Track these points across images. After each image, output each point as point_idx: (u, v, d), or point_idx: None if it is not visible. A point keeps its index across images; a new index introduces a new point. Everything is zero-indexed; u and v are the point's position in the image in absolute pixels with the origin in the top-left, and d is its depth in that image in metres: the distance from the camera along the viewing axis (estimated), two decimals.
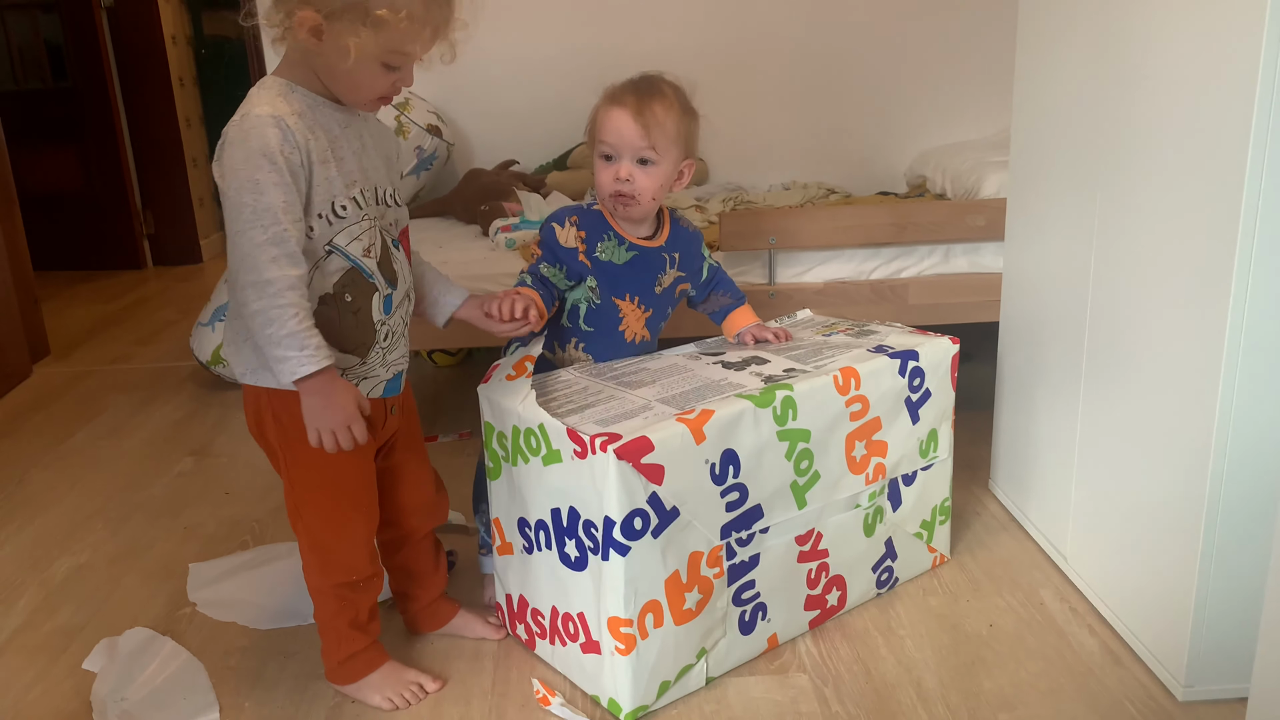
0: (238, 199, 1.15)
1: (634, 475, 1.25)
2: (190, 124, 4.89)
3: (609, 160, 1.47)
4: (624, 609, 1.28)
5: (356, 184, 1.25)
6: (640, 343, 1.57)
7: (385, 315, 1.30)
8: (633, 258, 1.53)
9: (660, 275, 1.57)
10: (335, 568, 1.36)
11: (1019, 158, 1.81)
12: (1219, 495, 1.24)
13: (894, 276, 2.19)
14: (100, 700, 1.42)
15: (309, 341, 1.17)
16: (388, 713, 1.38)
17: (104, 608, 1.69)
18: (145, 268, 4.76)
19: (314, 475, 1.31)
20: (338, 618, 1.38)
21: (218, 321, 2.77)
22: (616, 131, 1.45)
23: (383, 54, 1.18)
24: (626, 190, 1.47)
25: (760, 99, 3.14)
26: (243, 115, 1.18)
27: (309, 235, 1.21)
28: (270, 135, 1.16)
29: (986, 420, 2.04)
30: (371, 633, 1.42)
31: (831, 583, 1.53)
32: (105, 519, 2.04)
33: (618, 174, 1.47)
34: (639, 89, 1.46)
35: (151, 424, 2.59)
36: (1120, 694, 1.36)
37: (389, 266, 1.30)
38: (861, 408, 1.48)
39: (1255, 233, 1.15)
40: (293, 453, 1.29)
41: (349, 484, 1.33)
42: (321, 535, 1.34)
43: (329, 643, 1.40)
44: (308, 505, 1.33)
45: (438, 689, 1.43)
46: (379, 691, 1.40)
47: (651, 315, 1.57)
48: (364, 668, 1.41)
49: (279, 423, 1.28)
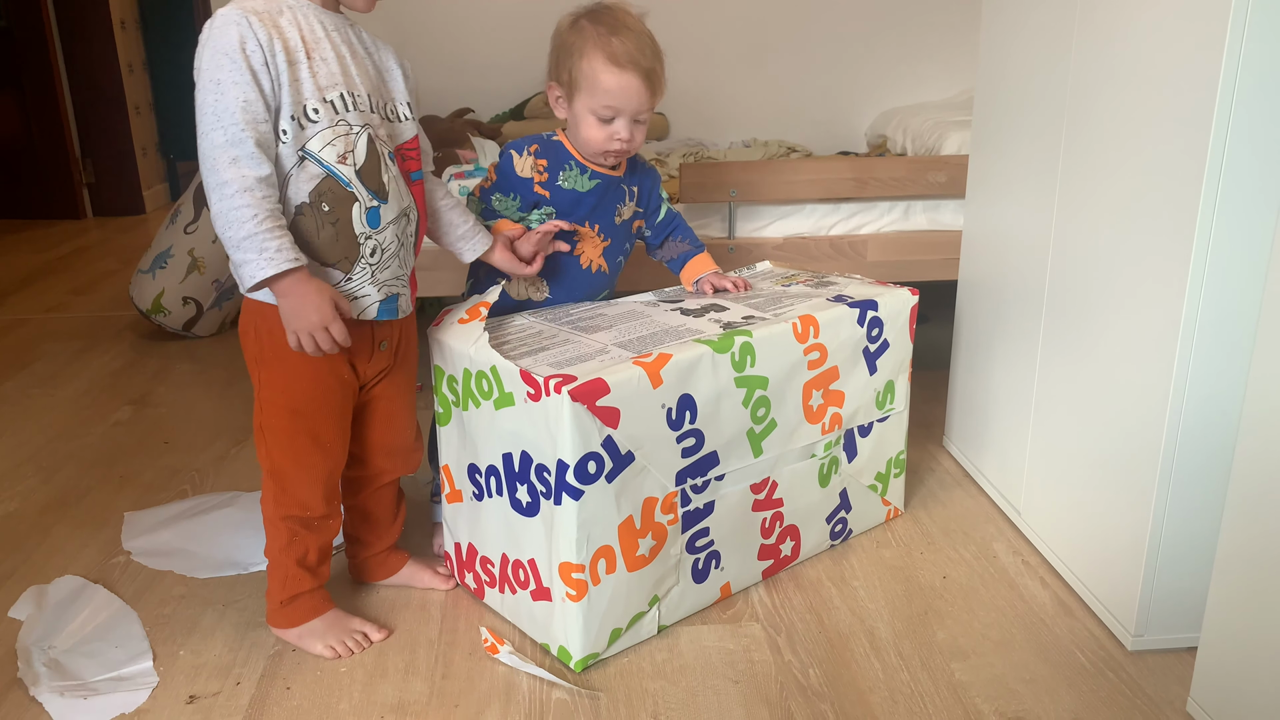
0: (201, 100, 1.13)
1: (589, 418, 1.21)
2: (133, 69, 4.71)
3: (607, 121, 1.44)
4: (576, 554, 1.25)
5: (337, 87, 1.20)
6: (597, 272, 1.55)
7: (370, 229, 1.23)
8: (595, 185, 1.51)
9: (620, 206, 1.55)
10: (289, 499, 1.31)
11: (982, 115, 1.79)
12: (1174, 450, 1.24)
13: (854, 233, 2.17)
14: (25, 649, 1.36)
15: (269, 244, 1.12)
16: (329, 661, 1.34)
17: (33, 556, 1.62)
18: (85, 218, 4.60)
19: (281, 399, 1.27)
20: (285, 553, 1.34)
21: (159, 269, 2.68)
22: (624, 95, 1.42)
23: None
24: (623, 148, 1.47)
25: (722, 56, 3.10)
26: (213, 15, 1.14)
27: (282, 139, 1.16)
28: (230, 33, 1.12)
29: (942, 379, 2.04)
30: (320, 576, 1.38)
31: (785, 533, 1.51)
32: (36, 467, 1.96)
33: (616, 134, 1.45)
34: (637, 49, 1.41)
35: (88, 373, 2.50)
36: (1071, 644, 1.36)
37: (375, 178, 1.23)
38: (820, 356, 1.46)
39: (1218, 193, 1.14)
40: (266, 370, 1.26)
41: (315, 416, 1.29)
42: (280, 462, 1.30)
43: (274, 581, 1.36)
44: (271, 430, 1.29)
45: (383, 638, 1.39)
46: (321, 639, 1.36)
47: (610, 245, 1.55)
48: (307, 613, 1.36)
49: (258, 336, 1.24)
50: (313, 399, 1.28)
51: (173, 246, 2.67)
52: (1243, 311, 1.18)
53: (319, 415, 1.29)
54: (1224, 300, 1.18)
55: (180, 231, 2.67)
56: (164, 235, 2.72)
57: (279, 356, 1.24)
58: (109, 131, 4.60)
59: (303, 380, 1.26)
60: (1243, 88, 1.10)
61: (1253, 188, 1.14)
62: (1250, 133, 1.12)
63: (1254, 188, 1.14)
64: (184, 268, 2.66)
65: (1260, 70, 1.10)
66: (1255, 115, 1.11)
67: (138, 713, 1.25)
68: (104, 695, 1.27)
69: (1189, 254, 1.17)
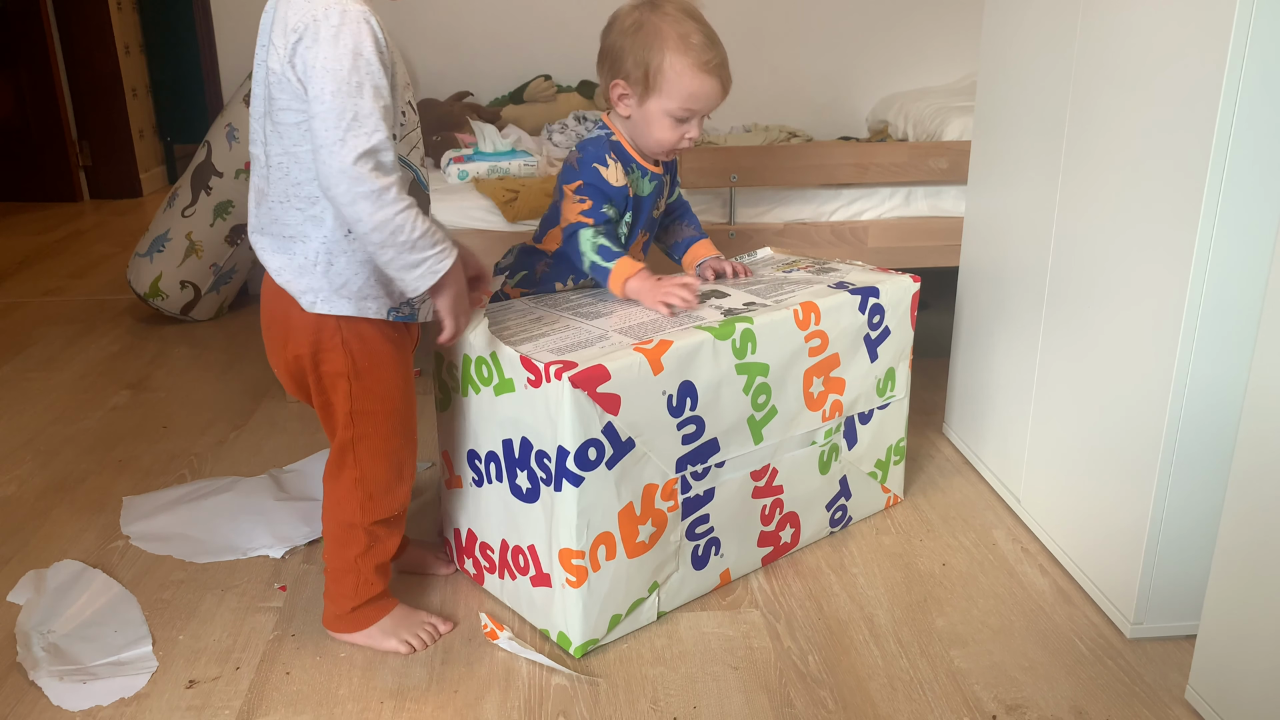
0: (336, 104, 1.04)
1: (589, 404, 1.21)
2: (129, 51, 4.68)
3: (682, 122, 1.44)
4: (576, 541, 1.25)
5: (409, 86, 1.18)
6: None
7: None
8: (654, 187, 1.52)
9: (659, 201, 1.57)
10: (378, 505, 1.28)
11: (985, 101, 1.78)
12: (1174, 438, 1.24)
13: (854, 218, 2.17)
14: (25, 633, 1.36)
15: (438, 234, 1.13)
16: (328, 646, 1.34)
17: (31, 541, 1.62)
18: (81, 201, 4.58)
19: (381, 406, 1.25)
20: (364, 559, 1.30)
21: (156, 253, 2.66)
22: (707, 100, 1.43)
23: None
24: (689, 147, 1.48)
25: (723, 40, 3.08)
26: (328, 8, 1.05)
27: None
28: (364, 32, 1.06)
29: (941, 367, 2.04)
30: (388, 576, 1.36)
31: (785, 519, 1.51)
32: (34, 451, 1.95)
33: (688, 134, 1.45)
34: (720, 53, 1.43)
35: (85, 357, 2.49)
36: (1070, 631, 1.36)
37: (425, 174, 1.26)
38: (821, 343, 1.46)
39: (1222, 181, 1.13)
40: (363, 383, 1.22)
41: (407, 411, 1.28)
42: (373, 469, 1.27)
43: (344, 587, 1.32)
44: (366, 439, 1.25)
45: (449, 630, 1.37)
46: (394, 635, 1.33)
47: (646, 240, 1.58)
48: (377, 613, 1.34)
49: (348, 351, 1.20)
50: (405, 395, 1.27)
51: (170, 230, 2.66)
52: (1244, 299, 1.18)
53: (410, 410, 1.29)
54: (1226, 288, 1.18)
55: (178, 215, 2.66)
56: (161, 219, 2.70)
57: (375, 363, 1.22)
58: (106, 114, 4.57)
59: (397, 379, 1.25)
60: (1249, 75, 1.09)
61: (1256, 175, 1.13)
62: (1255, 120, 1.11)
63: (1258, 175, 1.13)
64: (182, 251, 2.65)
65: (1266, 57, 1.09)
66: (1260, 103, 1.10)
67: (137, 697, 1.25)
68: (103, 680, 1.27)
69: (1192, 241, 1.16)
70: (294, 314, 1.19)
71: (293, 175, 1.14)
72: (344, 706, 1.23)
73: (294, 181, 1.14)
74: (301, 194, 1.15)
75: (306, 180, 1.14)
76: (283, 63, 1.08)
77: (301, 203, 1.15)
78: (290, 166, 1.14)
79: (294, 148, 1.13)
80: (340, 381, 1.22)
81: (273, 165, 1.15)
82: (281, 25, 1.08)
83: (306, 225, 1.16)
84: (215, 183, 2.61)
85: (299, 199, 1.15)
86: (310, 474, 1.81)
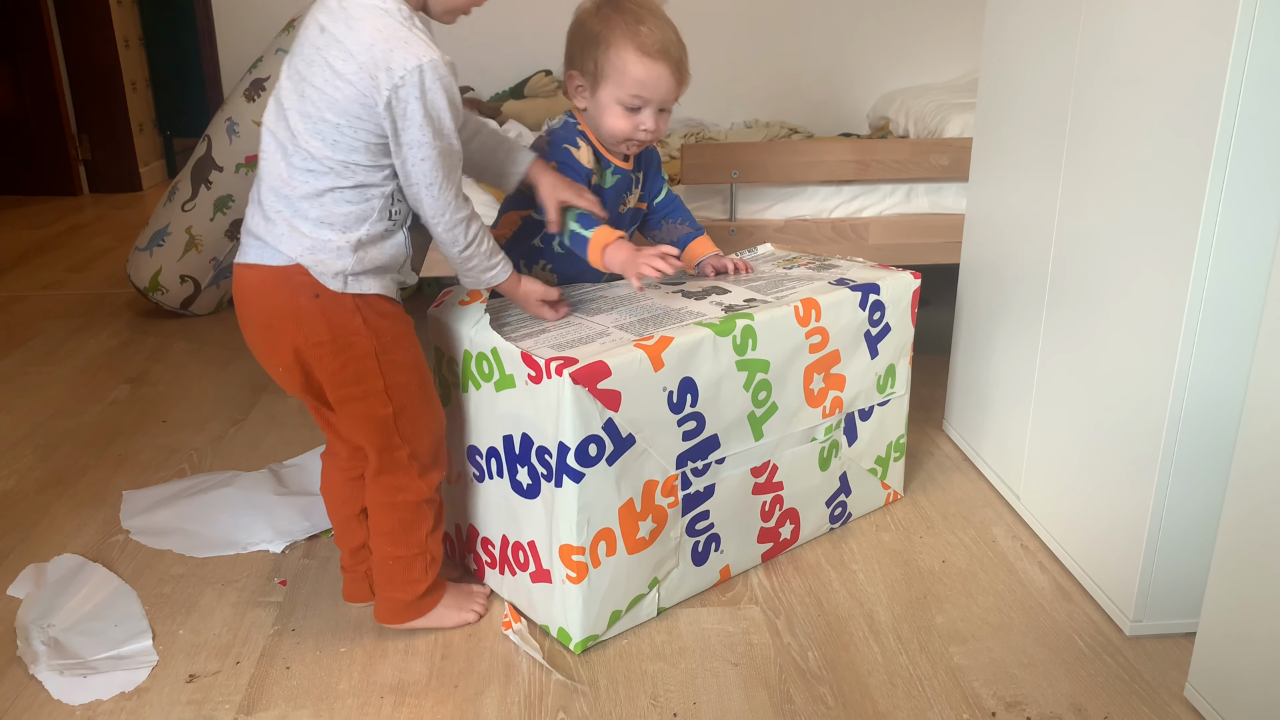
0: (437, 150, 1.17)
1: (590, 401, 1.21)
2: (129, 45, 4.67)
3: (634, 111, 1.43)
4: (576, 537, 1.25)
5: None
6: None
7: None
8: (616, 181, 1.51)
9: (626, 196, 1.55)
10: (434, 470, 1.32)
11: (987, 97, 1.78)
12: (1175, 435, 1.24)
13: (855, 215, 2.16)
14: (24, 627, 1.36)
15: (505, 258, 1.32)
16: (328, 642, 1.34)
17: (30, 535, 1.62)
18: (81, 194, 4.57)
19: (413, 376, 1.28)
20: (433, 535, 1.33)
21: (156, 247, 2.66)
22: (654, 86, 1.41)
23: None
24: (648, 139, 1.47)
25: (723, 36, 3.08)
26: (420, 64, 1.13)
27: None
28: (452, 83, 1.17)
29: (941, 363, 2.04)
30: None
31: (785, 516, 1.51)
32: (33, 445, 1.95)
33: (642, 124, 1.44)
34: (666, 39, 1.41)
35: (85, 351, 2.49)
36: (1069, 628, 1.37)
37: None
38: (821, 340, 1.46)
39: (1224, 179, 1.13)
40: (389, 355, 1.25)
41: (428, 376, 1.33)
42: (419, 439, 1.30)
43: (414, 572, 1.33)
44: (409, 410, 1.28)
45: (488, 593, 1.44)
46: (458, 609, 1.38)
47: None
48: (439, 593, 1.38)
49: (371, 327, 1.23)
50: (423, 363, 1.31)
51: (170, 224, 2.66)
52: (1246, 297, 1.18)
53: (428, 371, 1.33)
54: (1227, 285, 1.18)
55: (178, 209, 2.65)
56: (161, 213, 2.70)
57: (397, 336, 1.26)
58: (105, 107, 4.56)
59: (415, 342, 1.29)
60: (1251, 72, 1.09)
61: (1259, 173, 1.13)
62: (1258, 117, 1.11)
63: (1260, 173, 1.13)
64: (181, 246, 2.64)
65: (1269, 54, 1.09)
66: (1263, 99, 1.10)
67: (137, 691, 1.25)
68: (103, 674, 1.27)
69: (1194, 238, 1.16)
70: (303, 303, 1.20)
71: (342, 173, 1.18)
72: (344, 701, 1.23)
73: (343, 176, 1.18)
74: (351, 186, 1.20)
75: (362, 173, 1.19)
76: (372, 89, 1.13)
77: (352, 195, 1.20)
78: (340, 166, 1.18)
79: (350, 156, 1.18)
80: (370, 361, 1.24)
81: (318, 159, 1.18)
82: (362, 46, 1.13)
83: (353, 214, 1.20)
84: (215, 177, 2.60)
85: (348, 191, 1.19)
86: (310, 469, 1.81)
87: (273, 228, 1.20)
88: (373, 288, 1.23)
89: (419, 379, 1.29)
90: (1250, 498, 1.09)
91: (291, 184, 1.18)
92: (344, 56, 1.14)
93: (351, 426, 1.28)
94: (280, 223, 1.19)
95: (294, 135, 1.17)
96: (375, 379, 1.25)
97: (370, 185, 1.19)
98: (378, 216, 1.21)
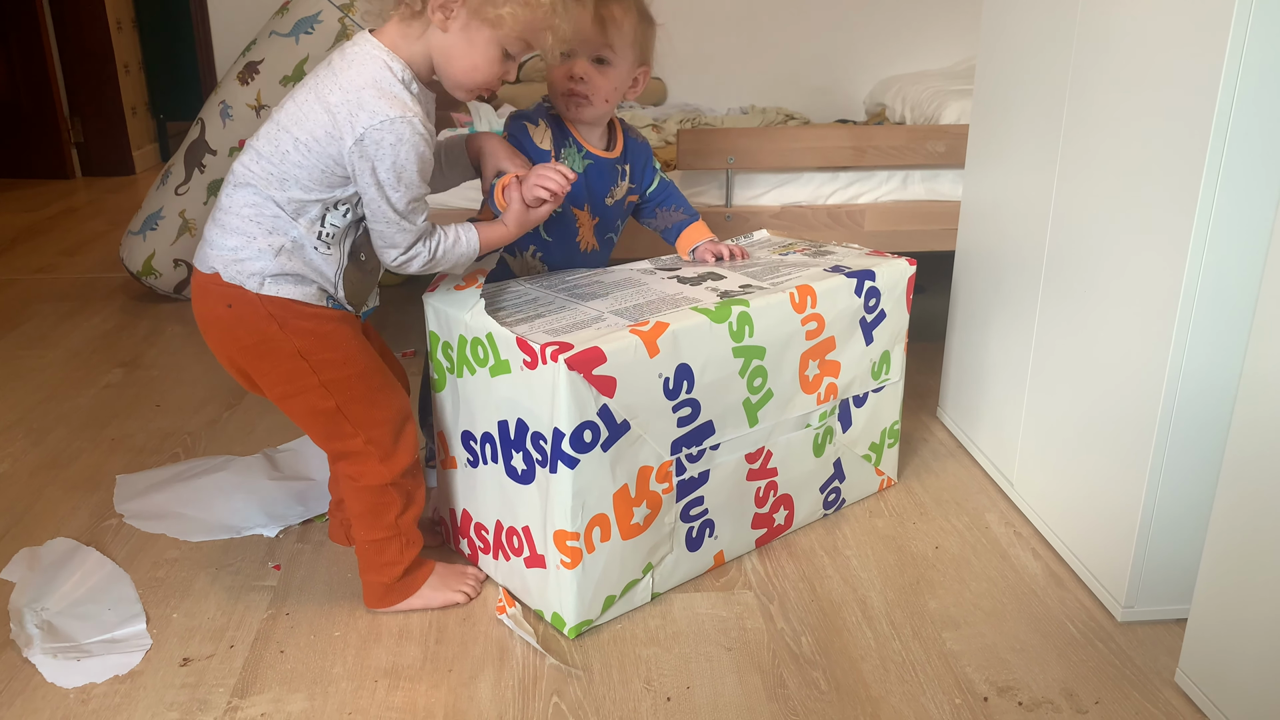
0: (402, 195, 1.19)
1: (585, 386, 1.21)
2: (122, 27, 4.64)
3: (565, 57, 1.41)
4: (571, 522, 1.25)
5: None
6: (591, 252, 1.54)
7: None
8: (588, 166, 1.48)
9: (613, 188, 1.53)
10: (398, 455, 1.31)
11: (984, 83, 1.77)
12: (1168, 422, 1.24)
13: (851, 202, 2.16)
14: (18, 610, 1.36)
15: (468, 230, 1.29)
16: (322, 626, 1.34)
17: (24, 518, 1.61)
18: (73, 178, 4.55)
19: (345, 369, 1.28)
20: (404, 517, 1.34)
21: (149, 230, 2.65)
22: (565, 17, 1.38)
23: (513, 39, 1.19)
24: (580, 90, 1.42)
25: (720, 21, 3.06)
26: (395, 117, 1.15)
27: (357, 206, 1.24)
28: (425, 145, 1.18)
29: (936, 351, 2.04)
30: (422, 536, 1.39)
31: (779, 502, 1.52)
32: (27, 429, 1.95)
33: (571, 71, 1.41)
34: None
35: (78, 335, 2.48)
36: (1061, 614, 1.37)
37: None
38: (817, 326, 1.46)
39: (1220, 167, 1.13)
40: (316, 355, 1.25)
41: (372, 365, 1.31)
42: (374, 426, 1.30)
43: (389, 555, 1.34)
44: (350, 403, 1.28)
45: (483, 578, 1.43)
46: (446, 589, 1.38)
47: (599, 224, 1.54)
48: (423, 574, 1.38)
49: (286, 330, 1.23)
50: (363, 350, 1.30)
51: (164, 208, 2.64)
52: (1241, 284, 1.18)
53: (373, 362, 1.31)
54: (1223, 272, 1.18)
55: (171, 193, 2.64)
56: (155, 196, 2.69)
57: (320, 333, 1.25)
58: (98, 90, 4.53)
59: (348, 339, 1.28)
60: (1249, 59, 1.09)
61: (1255, 159, 1.13)
62: (1255, 103, 1.11)
63: (1256, 159, 1.13)
64: (175, 229, 2.63)
65: (1267, 41, 1.08)
66: (1261, 85, 1.10)
67: (131, 675, 1.25)
68: (97, 657, 1.27)
69: (1190, 225, 1.16)
70: (220, 313, 1.24)
71: (282, 182, 1.20)
72: (338, 685, 1.23)
73: (282, 186, 1.20)
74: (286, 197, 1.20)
75: (298, 190, 1.20)
76: (346, 124, 1.15)
77: (286, 205, 1.21)
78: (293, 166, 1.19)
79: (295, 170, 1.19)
80: (296, 361, 1.25)
81: (267, 160, 1.20)
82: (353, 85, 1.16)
83: (280, 221, 1.21)
84: (209, 160, 2.59)
85: (282, 200, 1.20)
86: (304, 453, 1.81)
87: (211, 222, 1.24)
88: (290, 293, 1.23)
89: (358, 371, 1.29)
90: (1242, 485, 1.10)
91: (236, 175, 1.22)
92: (334, 88, 1.17)
93: (297, 420, 1.31)
94: (219, 214, 1.23)
95: (257, 136, 1.21)
96: (307, 376, 1.26)
97: (306, 202, 1.20)
98: (305, 232, 1.21)
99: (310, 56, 2.48)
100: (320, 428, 1.30)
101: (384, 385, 1.32)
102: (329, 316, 1.27)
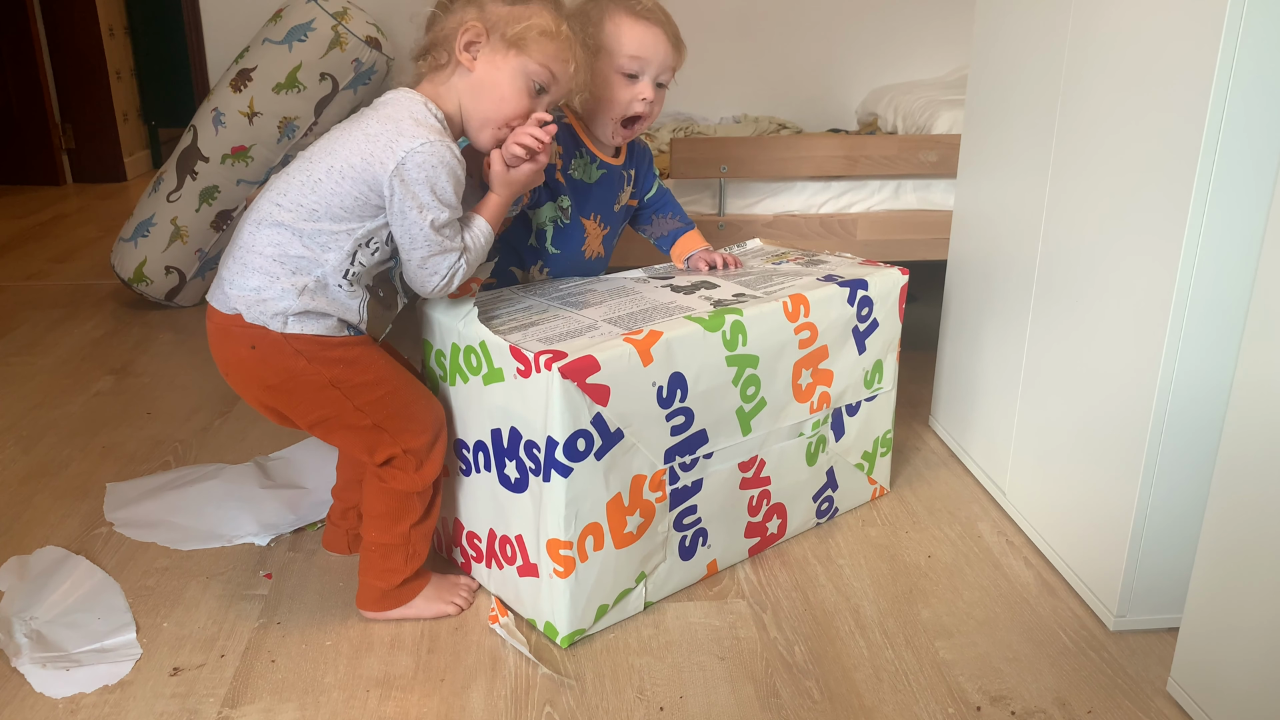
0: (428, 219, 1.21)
1: (579, 395, 1.21)
2: (114, 33, 4.63)
3: (632, 78, 1.41)
4: (564, 531, 1.25)
5: None
6: (595, 259, 1.56)
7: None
8: (601, 176, 1.49)
9: (619, 194, 1.54)
10: (432, 462, 1.33)
11: (976, 93, 1.78)
12: (1160, 432, 1.25)
13: (844, 211, 2.17)
14: (6, 619, 1.35)
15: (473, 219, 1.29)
16: (314, 635, 1.34)
17: (13, 527, 1.60)
18: (64, 184, 4.53)
19: (378, 389, 1.29)
20: (418, 528, 1.34)
21: (141, 237, 2.64)
22: (652, 48, 1.39)
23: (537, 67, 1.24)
24: (645, 111, 1.43)
25: (713, 30, 3.07)
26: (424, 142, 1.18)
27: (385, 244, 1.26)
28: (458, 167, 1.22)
29: (928, 360, 2.04)
30: (428, 549, 1.39)
31: (772, 511, 1.52)
32: (16, 437, 1.94)
33: (641, 94, 1.41)
34: (657, 6, 1.40)
35: (69, 342, 2.47)
36: (1054, 623, 1.37)
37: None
38: (810, 335, 1.46)
39: (1211, 176, 1.14)
40: (347, 381, 1.26)
41: (404, 378, 1.32)
42: (411, 436, 1.30)
43: (394, 562, 1.34)
44: (389, 418, 1.29)
45: (476, 588, 1.44)
46: (440, 600, 1.38)
47: (608, 233, 1.56)
48: (420, 584, 1.38)
49: (315, 363, 1.24)
50: (391, 367, 1.31)
51: (155, 215, 2.64)
52: (1232, 293, 1.18)
53: (403, 376, 1.32)
54: (1215, 282, 1.18)
55: (163, 200, 2.63)
56: (146, 203, 2.68)
57: (348, 360, 1.26)
58: (89, 96, 4.52)
59: (376, 360, 1.29)
60: (1240, 68, 1.10)
61: (1246, 168, 1.14)
62: (1245, 113, 1.11)
63: (1247, 168, 1.14)
64: (166, 236, 2.62)
65: (1257, 51, 1.09)
66: (1251, 95, 1.11)
67: (121, 685, 1.24)
68: (87, 667, 1.27)
69: (1181, 234, 1.17)
70: (244, 355, 1.24)
71: (325, 204, 1.21)
72: (329, 695, 1.23)
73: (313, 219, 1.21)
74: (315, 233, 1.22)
75: (329, 224, 1.22)
76: (387, 151, 1.18)
77: (311, 242, 1.22)
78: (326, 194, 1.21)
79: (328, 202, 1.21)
80: (328, 391, 1.26)
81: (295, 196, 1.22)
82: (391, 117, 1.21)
83: (306, 260, 1.22)
84: (201, 168, 2.58)
85: (310, 236, 1.22)
86: (296, 461, 1.80)
87: (230, 261, 1.24)
88: (314, 329, 1.24)
89: (391, 389, 1.30)
90: (1234, 494, 1.10)
91: (261, 212, 1.22)
92: (373, 119, 1.22)
93: (337, 443, 1.33)
94: (239, 253, 1.23)
95: (284, 174, 1.23)
96: (341, 403, 1.27)
97: (336, 234, 1.21)
98: (332, 270, 1.23)
99: (303, 64, 2.48)
100: (360, 444, 1.31)
101: (418, 397, 1.33)
102: (354, 343, 1.28)
